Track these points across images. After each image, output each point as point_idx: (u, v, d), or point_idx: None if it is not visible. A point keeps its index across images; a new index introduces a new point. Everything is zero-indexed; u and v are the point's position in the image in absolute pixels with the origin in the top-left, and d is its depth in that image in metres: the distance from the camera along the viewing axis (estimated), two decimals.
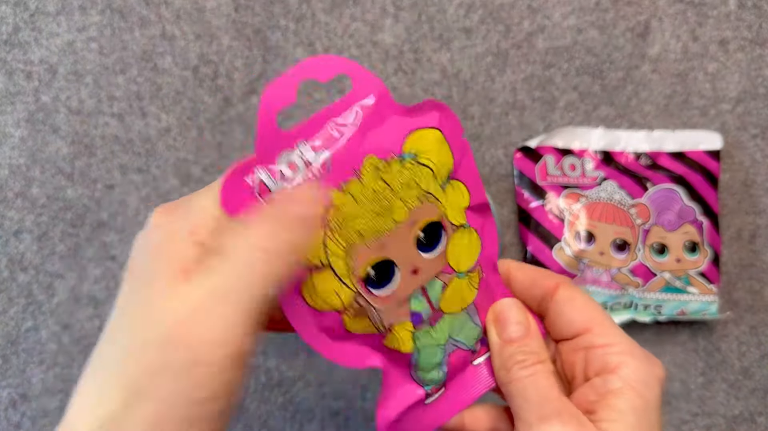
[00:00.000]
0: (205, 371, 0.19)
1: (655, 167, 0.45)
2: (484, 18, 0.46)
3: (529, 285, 0.27)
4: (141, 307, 0.20)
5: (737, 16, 0.47)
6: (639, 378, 0.24)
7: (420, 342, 0.26)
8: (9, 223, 0.44)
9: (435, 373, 0.27)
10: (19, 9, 0.45)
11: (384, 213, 0.23)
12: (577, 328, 0.26)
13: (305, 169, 0.23)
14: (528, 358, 0.25)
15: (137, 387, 0.19)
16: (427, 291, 0.25)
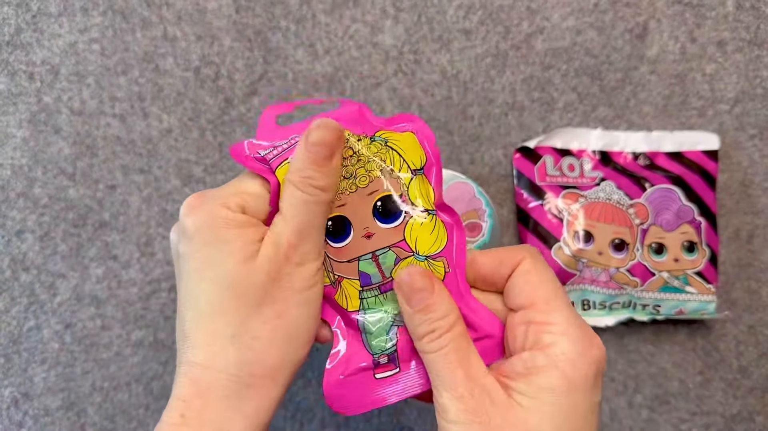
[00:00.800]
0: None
1: (654, 167, 0.45)
2: (484, 19, 0.47)
3: (497, 265, 0.28)
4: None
5: (735, 17, 0.47)
6: (567, 359, 0.24)
7: (367, 303, 0.28)
8: (11, 223, 0.44)
9: (382, 341, 0.28)
10: (21, 10, 0.46)
11: (349, 177, 0.28)
12: (522, 302, 0.26)
13: (290, 144, 0.28)
14: (436, 328, 0.26)
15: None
16: (378, 258, 0.28)
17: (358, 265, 0.28)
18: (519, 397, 0.24)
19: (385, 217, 0.28)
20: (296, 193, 0.26)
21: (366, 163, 0.28)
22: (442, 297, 0.27)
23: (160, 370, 0.44)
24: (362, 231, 0.28)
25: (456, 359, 0.25)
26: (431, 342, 0.26)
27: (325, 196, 0.26)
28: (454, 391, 0.25)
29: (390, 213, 0.28)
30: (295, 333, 0.26)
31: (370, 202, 0.28)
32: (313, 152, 0.26)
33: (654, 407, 0.45)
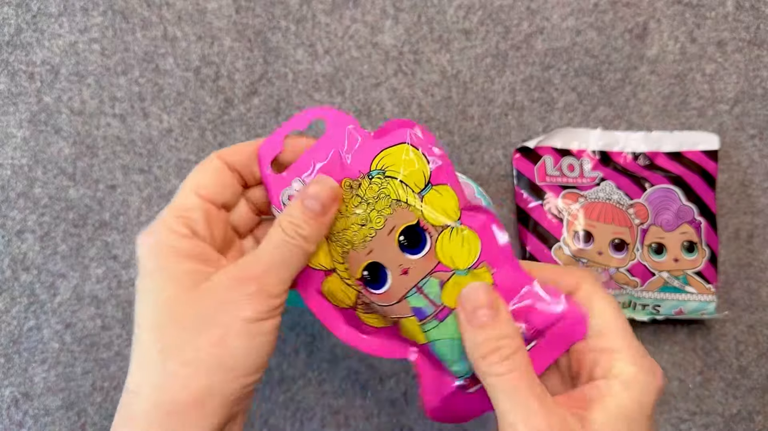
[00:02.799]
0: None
1: (653, 167, 0.45)
2: (484, 19, 0.47)
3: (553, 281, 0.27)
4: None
5: (735, 17, 0.47)
6: (638, 387, 0.25)
7: (431, 335, 0.28)
8: (11, 223, 0.44)
9: (458, 366, 0.28)
10: (22, 10, 0.46)
11: (365, 223, 0.28)
12: (591, 330, 0.26)
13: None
14: (504, 346, 0.25)
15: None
16: (422, 289, 0.28)
17: (408, 303, 0.28)
18: (594, 425, 0.24)
19: (412, 249, 0.28)
20: (279, 234, 0.27)
21: (375, 203, 0.28)
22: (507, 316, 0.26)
23: None
24: (398, 270, 0.28)
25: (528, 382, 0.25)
26: (501, 362, 0.25)
27: (306, 246, 0.27)
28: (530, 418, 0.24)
29: (415, 243, 0.28)
30: (232, 363, 0.25)
31: (393, 240, 0.28)
32: (307, 204, 0.27)
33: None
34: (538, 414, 0.24)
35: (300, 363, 0.44)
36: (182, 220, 0.27)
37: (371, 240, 0.28)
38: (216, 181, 0.28)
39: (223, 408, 0.26)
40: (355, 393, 0.44)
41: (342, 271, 0.28)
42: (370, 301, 0.28)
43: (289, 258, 0.27)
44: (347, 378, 0.44)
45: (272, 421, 0.44)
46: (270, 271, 0.26)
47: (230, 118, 0.45)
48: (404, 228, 0.28)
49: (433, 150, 0.28)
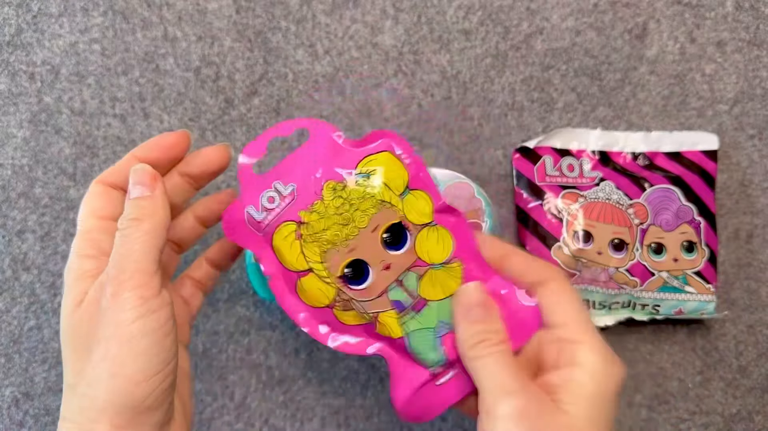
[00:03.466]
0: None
1: (653, 167, 0.45)
2: (483, 20, 0.47)
3: (523, 271, 0.30)
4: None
5: (734, 17, 0.47)
6: (601, 375, 0.27)
7: (408, 326, 0.30)
8: (12, 223, 0.44)
9: (433, 354, 0.30)
10: (22, 10, 0.46)
11: (347, 223, 0.30)
12: (555, 320, 0.29)
13: (280, 200, 0.30)
14: (491, 337, 0.28)
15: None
16: (402, 282, 0.30)
17: (387, 296, 0.30)
18: (564, 405, 0.26)
19: (395, 245, 0.30)
20: (118, 233, 0.28)
21: (360, 204, 0.30)
22: (496, 315, 0.29)
23: None
24: (380, 265, 0.30)
25: (509, 362, 0.27)
26: (487, 347, 0.28)
27: (143, 226, 0.27)
28: (507, 388, 0.26)
29: (398, 240, 0.30)
30: (121, 372, 0.25)
31: (377, 237, 0.30)
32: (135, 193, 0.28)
33: (653, 406, 0.45)
34: (517, 393, 0.26)
35: (300, 363, 0.44)
36: (88, 242, 0.28)
37: (354, 239, 0.30)
38: (106, 202, 0.30)
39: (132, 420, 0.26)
40: (355, 393, 0.44)
41: (320, 270, 0.30)
42: (350, 298, 0.30)
43: (132, 246, 0.27)
44: (347, 378, 0.44)
45: (272, 421, 0.44)
46: (125, 269, 0.26)
47: (230, 118, 0.46)
48: (389, 227, 0.30)
49: (412, 156, 0.30)
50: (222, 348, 0.44)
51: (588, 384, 0.27)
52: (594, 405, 0.26)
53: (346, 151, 0.30)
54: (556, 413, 0.26)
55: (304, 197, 0.30)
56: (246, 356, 0.44)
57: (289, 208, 0.30)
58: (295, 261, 0.30)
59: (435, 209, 0.30)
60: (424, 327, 0.30)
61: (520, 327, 0.30)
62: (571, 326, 0.28)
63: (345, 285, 0.30)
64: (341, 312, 0.31)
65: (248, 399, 0.44)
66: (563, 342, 0.28)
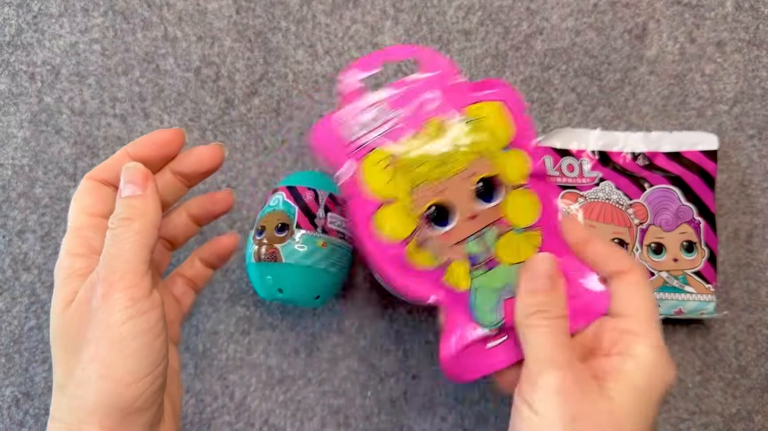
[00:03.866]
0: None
1: (653, 168, 0.45)
2: (483, 20, 0.47)
3: (604, 259, 0.29)
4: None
5: (734, 17, 0.47)
6: (653, 372, 0.26)
7: (476, 281, 0.29)
8: (12, 223, 0.44)
9: (492, 315, 0.29)
10: (22, 11, 0.46)
11: (445, 163, 0.29)
12: (624, 310, 0.28)
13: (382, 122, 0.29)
14: (550, 309, 0.27)
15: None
16: (483, 236, 0.29)
17: (465, 247, 0.29)
18: (610, 391, 0.26)
19: (485, 197, 0.30)
20: (108, 232, 0.27)
21: (461, 147, 0.29)
22: (561, 289, 0.28)
23: None
24: (466, 213, 0.29)
25: (560, 338, 0.27)
26: (542, 319, 0.27)
27: (134, 226, 0.27)
28: (555, 361, 0.26)
29: (490, 193, 0.30)
30: (110, 374, 0.25)
31: (470, 185, 0.29)
32: (126, 193, 0.28)
33: None
34: (563, 368, 0.26)
35: (300, 363, 0.44)
36: (79, 240, 0.28)
37: (447, 180, 0.29)
38: (97, 199, 0.29)
39: (130, 417, 0.26)
40: (355, 393, 0.44)
41: (404, 202, 0.29)
42: (427, 237, 0.29)
43: (129, 247, 0.26)
44: (347, 378, 0.44)
45: (273, 420, 0.44)
46: (116, 269, 0.26)
47: (231, 119, 0.46)
48: (484, 177, 0.29)
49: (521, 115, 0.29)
50: (222, 348, 0.44)
51: (638, 377, 0.26)
52: (639, 400, 0.26)
53: (458, 91, 0.29)
54: (599, 397, 0.26)
55: (407, 126, 0.29)
56: (246, 356, 0.44)
57: (389, 133, 0.29)
58: (382, 187, 0.29)
59: (531, 172, 0.30)
60: (490, 287, 0.29)
61: (584, 311, 0.29)
62: (639, 319, 0.28)
63: (427, 224, 0.29)
64: (414, 250, 0.29)
65: (248, 399, 0.44)
66: (625, 332, 0.28)
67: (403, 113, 0.29)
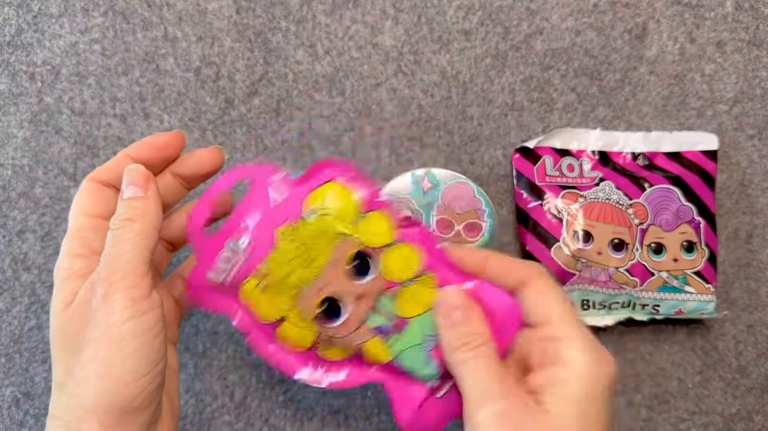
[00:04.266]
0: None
1: (653, 168, 0.45)
2: (483, 20, 0.47)
3: (504, 273, 0.29)
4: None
5: (734, 17, 0.47)
6: (588, 374, 0.26)
7: (396, 347, 0.30)
8: (12, 223, 0.44)
9: (426, 370, 0.30)
10: (22, 11, 0.46)
11: (308, 264, 0.29)
12: (539, 318, 0.28)
13: (237, 257, 0.29)
14: (472, 340, 0.28)
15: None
16: (379, 308, 0.30)
17: (367, 325, 0.30)
18: (547, 406, 0.26)
19: (362, 274, 0.30)
20: (109, 233, 0.28)
21: (315, 242, 0.29)
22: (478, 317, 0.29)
23: None
24: (352, 297, 0.29)
25: (489, 366, 0.27)
26: (468, 351, 0.27)
27: (135, 227, 0.27)
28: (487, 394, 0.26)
29: (363, 268, 0.30)
30: (109, 373, 0.26)
31: (342, 270, 0.29)
32: (128, 194, 0.28)
33: (653, 406, 0.45)
34: (496, 398, 0.26)
35: None
36: (79, 241, 0.28)
37: (320, 278, 0.29)
38: (98, 200, 0.29)
39: (128, 416, 0.26)
40: (355, 393, 0.44)
41: (294, 317, 0.30)
42: (330, 336, 0.29)
43: (130, 248, 0.27)
44: None
45: (272, 421, 0.44)
46: (116, 270, 0.26)
47: (231, 119, 0.46)
48: (350, 257, 0.29)
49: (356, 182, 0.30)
50: (222, 348, 0.44)
51: (573, 383, 0.26)
52: (579, 404, 0.26)
53: (289, 192, 0.30)
54: (538, 413, 0.26)
55: (259, 249, 0.29)
56: (246, 356, 0.44)
57: (247, 263, 0.29)
58: (267, 313, 0.30)
59: (396, 224, 0.30)
60: (411, 345, 0.30)
61: (503, 327, 0.29)
62: (555, 323, 0.28)
63: (322, 325, 0.30)
64: (326, 351, 0.30)
65: (248, 399, 0.44)
66: (547, 340, 0.28)
67: (248, 238, 0.29)
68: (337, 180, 0.30)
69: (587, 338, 0.27)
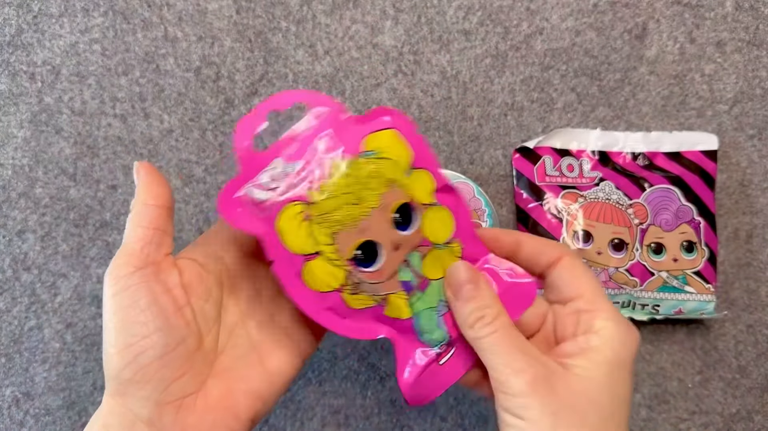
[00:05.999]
0: None
1: (653, 168, 0.45)
2: (483, 20, 0.47)
3: (537, 253, 0.31)
4: None
5: (734, 17, 0.47)
6: (617, 339, 0.27)
7: (415, 306, 0.30)
8: (12, 223, 0.44)
9: (437, 333, 0.30)
10: (23, 11, 0.46)
11: (357, 202, 0.28)
12: (571, 293, 0.29)
13: (284, 178, 0.28)
14: (487, 313, 0.28)
15: None
16: (409, 262, 0.30)
17: (397, 277, 0.29)
18: (577, 370, 0.27)
19: (404, 225, 0.30)
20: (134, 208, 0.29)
21: (368, 182, 0.28)
22: (487, 288, 0.29)
23: None
24: (390, 246, 0.29)
25: (511, 338, 0.28)
26: (484, 327, 0.28)
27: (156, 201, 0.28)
28: (514, 366, 0.26)
29: (407, 220, 0.30)
30: (106, 344, 0.27)
31: (387, 216, 0.29)
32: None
33: (653, 406, 0.45)
34: (520, 358, 0.27)
35: None
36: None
37: (365, 219, 0.28)
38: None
39: (126, 386, 0.27)
40: (355, 393, 0.44)
41: (330, 253, 0.28)
42: (359, 280, 0.29)
43: (154, 219, 0.28)
44: (347, 378, 0.44)
45: (272, 421, 0.44)
46: (150, 243, 0.28)
47: (231, 119, 0.46)
48: (398, 206, 0.29)
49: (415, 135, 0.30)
50: None
51: (604, 350, 0.27)
52: (610, 371, 0.27)
53: (349, 128, 0.29)
54: (569, 378, 0.26)
55: (310, 175, 0.28)
56: None
57: (294, 187, 0.28)
58: (302, 243, 0.28)
59: (437, 188, 0.30)
60: (428, 307, 0.30)
61: (516, 301, 0.30)
62: (587, 296, 0.29)
63: (356, 268, 0.29)
64: (350, 296, 0.29)
65: None
66: (581, 312, 0.29)
67: (302, 163, 0.28)
68: (396, 128, 0.29)
69: (615, 310, 0.28)
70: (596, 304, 0.28)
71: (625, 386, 0.27)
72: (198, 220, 0.45)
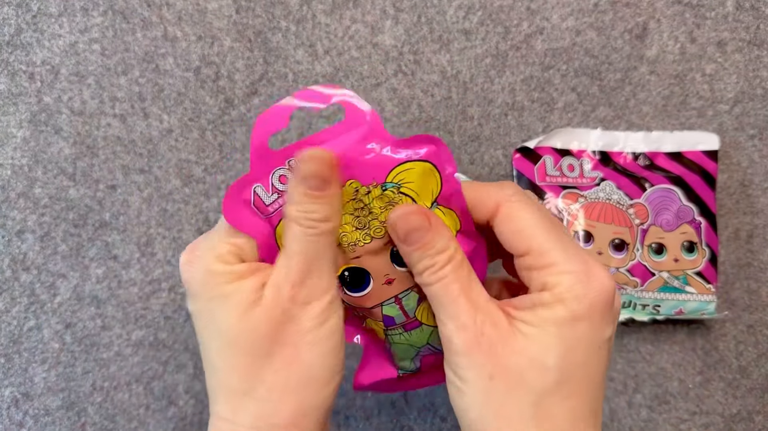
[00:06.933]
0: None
1: (653, 168, 0.45)
2: (484, 20, 0.47)
3: (476, 205, 0.27)
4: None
5: (735, 17, 0.47)
6: (571, 294, 0.24)
7: (392, 339, 0.29)
8: (11, 223, 0.44)
9: (408, 364, 0.30)
10: (22, 10, 0.46)
11: (362, 227, 0.27)
12: (516, 250, 0.26)
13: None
14: (436, 262, 0.25)
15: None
16: (401, 301, 0.28)
17: (381, 310, 0.28)
18: (522, 326, 0.24)
19: (400, 261, 0.28)
20: (296, 229, 0.25)
21: (380, 214, 0.27)
22: (439, 232, 0.26)
23: (161, 370, 0.44)
24: (382, 278, 0.28)
25: (457, 288, 0.25)
26: (432, 275, 0.25)
27: (326, 227, 0.25)
28: (457, 320, 0.25)
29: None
30: (310, 375, 0.25)
31: (388, 250, 0.27)
32: (306, 185, 0.25)
33: (653, 407, 0.45)
34: (465, 311, 0.25)
35: None
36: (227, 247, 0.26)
37: (363, 246, 0.27)
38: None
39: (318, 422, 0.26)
40: (355, 393, 0.44)
41: None
42: (342, 298, 0.28)
43: (318, 250, 0.25)
44: (347, 378, 0.44)
45: None
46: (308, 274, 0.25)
47: (230, 118, 0.45)
48: None
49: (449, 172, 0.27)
50: None
51: (555, 307, 0.24)
52: (559, 332, 0.24)
53: (381, 152, 0.26)
54: (512, 337, 0.24)
55: None
56: None
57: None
58: None
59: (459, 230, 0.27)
60: (408, 344, 0.29)
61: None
62: (535, 251, 0.25)
63: (340, 288, 0.28)
64: None
65: None
66: (531, 270, 0.25)
67: None
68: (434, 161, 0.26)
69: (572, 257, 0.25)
70: (546, 258, 0.25)
71: (584, 350, 0.24)
72: (198, 220, 0.45)
